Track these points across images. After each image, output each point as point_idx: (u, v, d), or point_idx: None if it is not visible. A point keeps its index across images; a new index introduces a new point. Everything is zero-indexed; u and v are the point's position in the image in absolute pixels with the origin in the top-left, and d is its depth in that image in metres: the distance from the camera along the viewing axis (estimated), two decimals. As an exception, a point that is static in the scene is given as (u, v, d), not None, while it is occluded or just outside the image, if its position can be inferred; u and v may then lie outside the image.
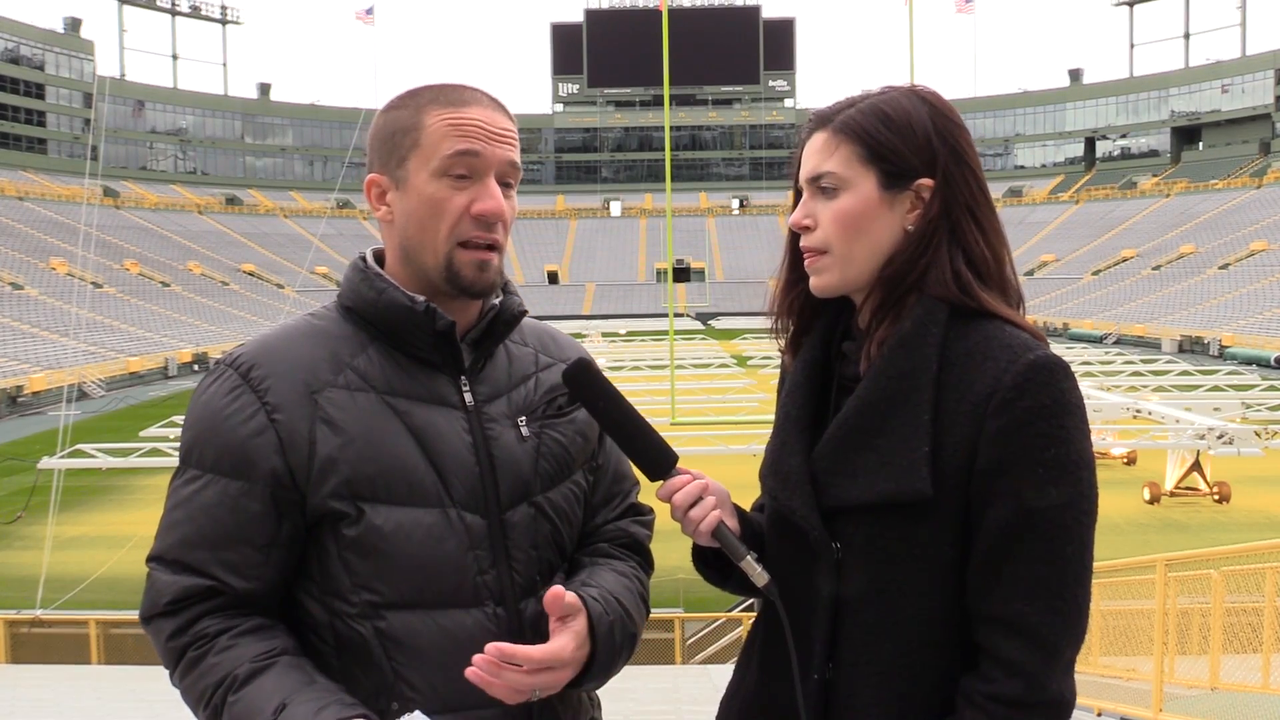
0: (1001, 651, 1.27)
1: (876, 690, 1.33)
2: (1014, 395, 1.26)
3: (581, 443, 1.50)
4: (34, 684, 8.59)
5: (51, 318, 47.62)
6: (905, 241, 1.36)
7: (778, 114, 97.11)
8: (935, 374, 1.30)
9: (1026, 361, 1.27)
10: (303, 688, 1.27)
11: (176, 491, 1.35)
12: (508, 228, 1.42)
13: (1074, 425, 1.27)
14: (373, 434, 1.33)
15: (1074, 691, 1.30)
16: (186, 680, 1.31)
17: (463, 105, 1.38)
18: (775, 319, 1.53)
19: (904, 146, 1.35)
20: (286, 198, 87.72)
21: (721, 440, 17.99)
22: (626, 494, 1.61)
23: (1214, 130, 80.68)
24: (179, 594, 1.31)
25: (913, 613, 1.32)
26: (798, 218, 1.40)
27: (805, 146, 1.41)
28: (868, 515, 1.32)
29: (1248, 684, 6.88)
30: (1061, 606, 1.26)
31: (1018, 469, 1.25)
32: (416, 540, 1.32)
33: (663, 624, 11.69)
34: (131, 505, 19.27)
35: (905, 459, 1.29)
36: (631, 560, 1.55)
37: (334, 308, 1.44)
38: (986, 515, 1.28)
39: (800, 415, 1.43)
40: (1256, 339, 44.01)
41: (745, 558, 1.38)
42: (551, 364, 1.52)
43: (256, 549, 1.32)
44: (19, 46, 74.11)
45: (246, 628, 1.31)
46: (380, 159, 1.41)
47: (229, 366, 1.36)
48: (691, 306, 71.82)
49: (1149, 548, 12.96)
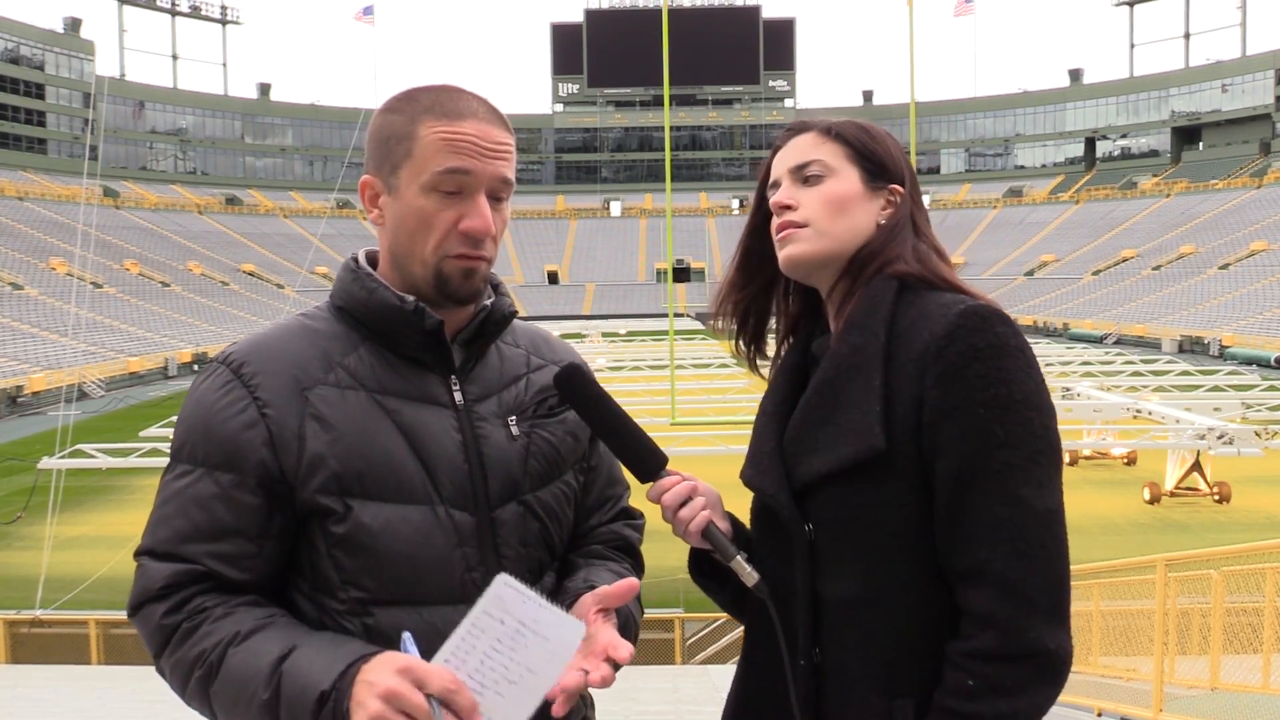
0: (973, 605, 1.27)
1: (863, 664, 1.34)
2: (945, 342, 1.29)
3: (572, 443, 1.52)
4: (34, 684, 8.59)
5: (51, 318, 47.63)
6: (879, 232, 1.46)
7: (778, 114, 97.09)
8: (884, 344, 1.34)
9: (958, 310, 1.31)
10: (311, 633, 1.28)
11: (168, 486, 1.36)
12: (497, 242, 1.43)
13: (1016, 367, 1.28)
14: (362, 431, 1.34)
15: (1065, 645, 1.27)
16: (178, 652, 1.29)
17: (458, 119, 1.37)
18: (715, 317, 1.60)
19: (882, 154, 1.48)
20: (286, 198, 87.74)
21: (721, 440, 17.98)
22: (619, 498, 1.63)
23: (1214, 130, 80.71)
24: (172, 578, 1.31)
25: (889, 581, 1.33)
26: (781, 198, 1.47)
27: (786, 146, 1.51)
28: (832, 487, 1.34)
29: (1248, 684, 6.88)
30: (1026, 549, 1.25)
31: (958, 413, 1.27)
32: (404, 537, 1.33)
33: (663, 624, 11.69)
34: (131, 505, 19.27)
35: (860, 422, 1.32)
36: (625, 562, 1.57)
37: (326, 308, 1.46)
38: (938, 465, 1.29)
39: (775, 410, 1.48)
40: (1256, 339, 44.02)
41: (735, 557, 1.40)
42: (543, 365, 1.54)
43: (250, 540, 1.32)
44: (19, 46, 74.13)
45: (243, 601, 1.32)
46: (375, 162, 1.42)
47: (221, 363, 1.37)
48: (691, 306, 71.84)
49: (1149, 548, 12.95)
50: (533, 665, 1.18)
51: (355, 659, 1.21)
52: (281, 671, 1.22)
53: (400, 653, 1.20)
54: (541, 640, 1.17)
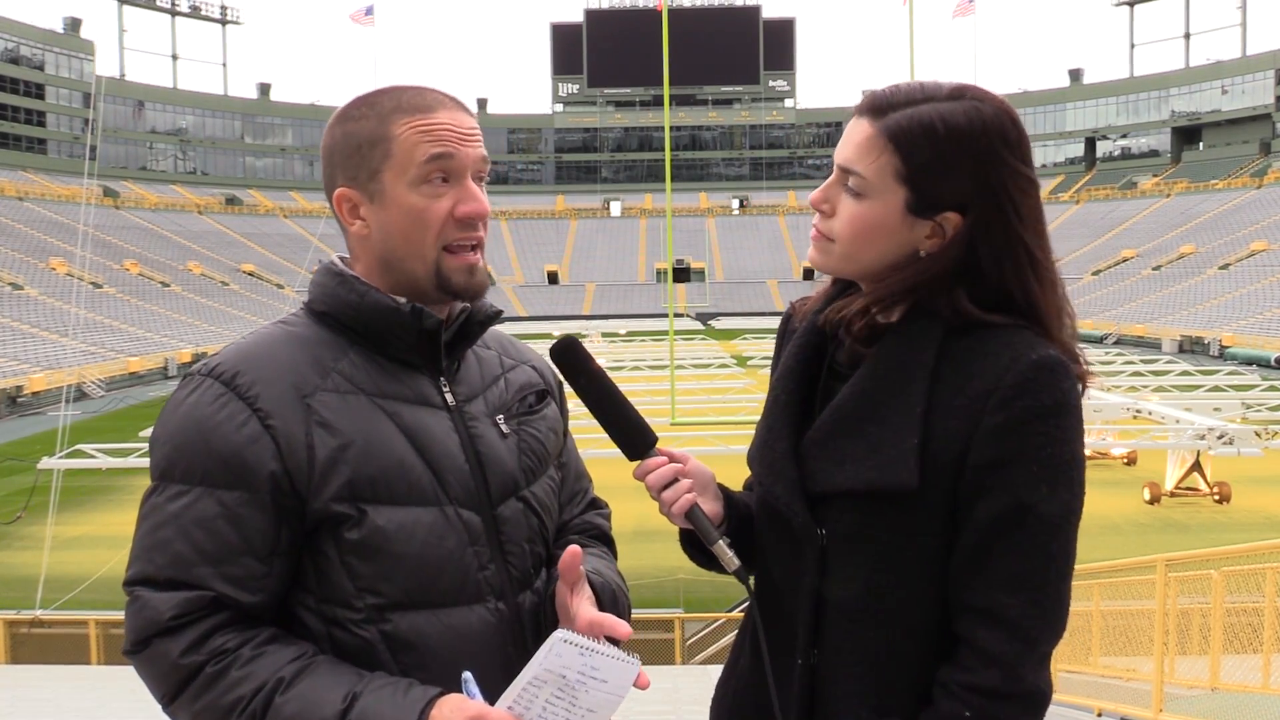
0: (980, 642, 1.28)
1: (857, 678, 1.34)
2: (1014, 394, 1.25)
3: (554, 438, 1.54)
4: (34, 684, 8.59)
5: (51, 318, 47.60)
6: (913, 263, 1.33)
7: (778, 114, 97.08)
8: (932, 367, 1.30)
9: (1030, 361, 1.26)
10: (366, 677, 1.26)
11: (159, 509, 1.28)
12: (487, 223, 1.43)
13: (1070, 426, 1.27)
14: (369, 435, 1.33)
15: (1050, 684, 1.31)
16: (205, 698, 1.23)
17: (429, 111, 1.37)
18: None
19: (944, 176, 1.28)
20: (286, 198, 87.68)
21: (721, 440, 17.99)
22: (586, 490, 1.66)
23: (1214, 130, 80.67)
24: (181, 607, 1.24)
25: (896, 602, 1.33)
26: (817, 198, 1.37)
27: (849, 127, 1.35)
28: (853, 503, 1.33)
29: (1248, 684, 6.88)
30: (1042, 600, 1.27)
31: (1013, 466, 1.26)
32: (419, 539, 1.32)
33: (663, 624, 11.70)
34: (131, 505, 19.06)
35: (894, 449, 1.29)
36: (600, 547, 1.60)
37: (303, 314, 1.43)
38: (976, 508, 1.28)
39: (789, 401, 1.43)
40: (1256, 339, 44.00)
41: (717, 542, 1.40)
42: (515, 365, 1.55)
43: (260, 560, 1.28)
44: (19, 46, 74.08)
45: (266, 637, 1.27)
46: (346, 173, 1.39)
47: (207, 376, 1.32)
48: (691, 306, 71.81)
49: (1149, 548, 12.95)
50: (593, 706, 1.23)
51: (425, 703, 1.21)
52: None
53: (465, 696, 1.23)
54: (601, 684, 1.23)
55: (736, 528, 1.48)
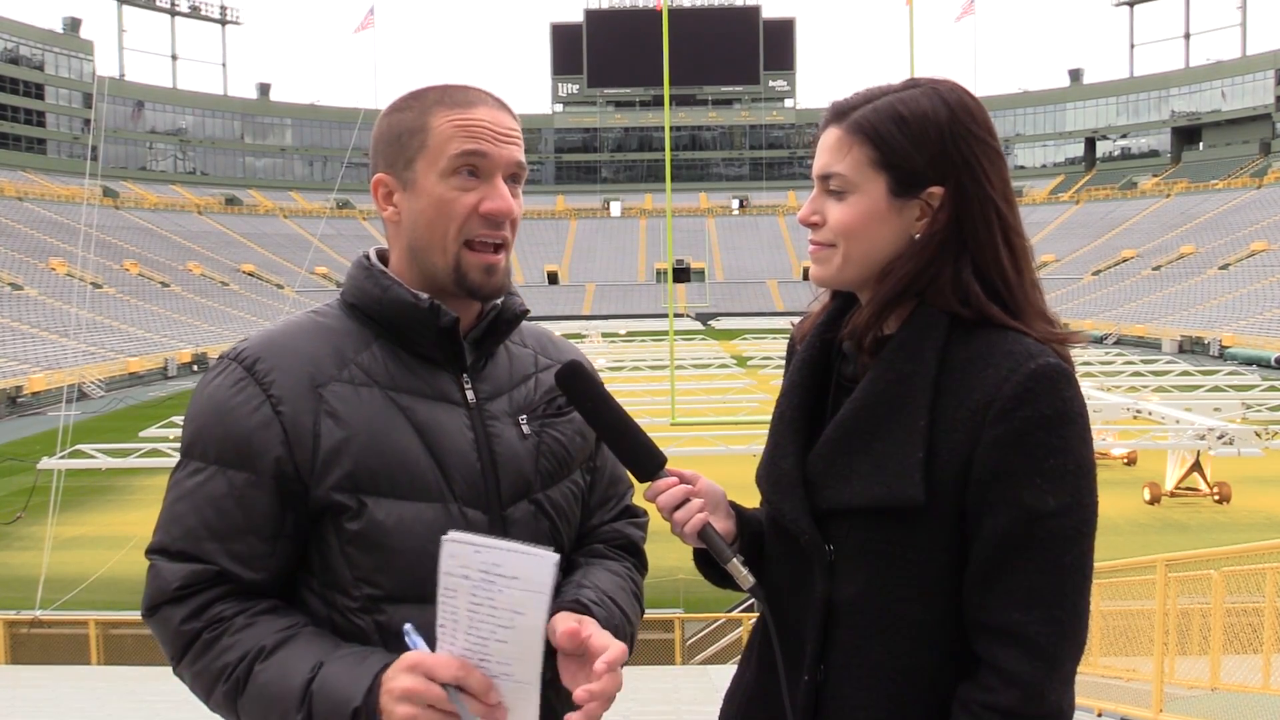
0: (999, 661, 1.26)
1: (866, 693, 1.33)
2: (1013, 405, 1.24)
3: (581, 442, 1.52)
4: (34, 684, 8.60)
5: (51, 318, 47.60)
6: (909, 249, 1.33)
7: (778, 114, 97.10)
8: (934, 378, 1.29)
9: (1028, 370, 1.25)
10: (337, 647, 1.29)
11: (179, 484, 1.35)
12: (515, 226, 1.43)
13: (1075, 434, 1.25)
14: (376, 428, 1.34)
15: (1072, 704, 1.28)
16: (200, 662, 1.30)
17: (469, 106, 1.39)
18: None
19: (916, 153, 1.31)
20: (286, 198, 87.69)
21: (721, 441, 17.99)
22: (621, 496, 1.63)
23: (1214, 130, 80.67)
24: (188, 578, 1.31)
25: (904, 617, 1.32)
26: (805, 214, 1.39)
27: (819, 143, 1.38)
28: (860, 519, 1.32)
29: (1248, 684, 6.89)
30: (1060, 616, 1.24)
31: (1016, 478, 1.24)
32: (418, 534, 1.33)
33: (663, 624, 11.70)
34: (131, 506, 19.26)
35: (899, 464, 1.28)
36: (627, 560, 1.57)
37: (337, 305, 1.46)
38: (984, 524, 1.26)
39: (795, 417, 1.43)
40: (1256, 339, 44.01)
41: (731, 560, 1.39)
42: (551, 365, 1.54)
43: (263, 540, 1.33)
44: (19, 46, 74.09)
45: (263, 608, 1.32)
46: (386, 160, 1.42)
47: (233, 360, 1.37)
48: (691, 307, 71.80)
49: (1149, 548, 12.95)
50: (516, 606, 1.19)
51: (380, 669, 1.22)
52: (312, 692, 1.23)
53: (409, 650, 1.22)
54: (512, 580, 1.19)
55: (750, 544, 1.46)
